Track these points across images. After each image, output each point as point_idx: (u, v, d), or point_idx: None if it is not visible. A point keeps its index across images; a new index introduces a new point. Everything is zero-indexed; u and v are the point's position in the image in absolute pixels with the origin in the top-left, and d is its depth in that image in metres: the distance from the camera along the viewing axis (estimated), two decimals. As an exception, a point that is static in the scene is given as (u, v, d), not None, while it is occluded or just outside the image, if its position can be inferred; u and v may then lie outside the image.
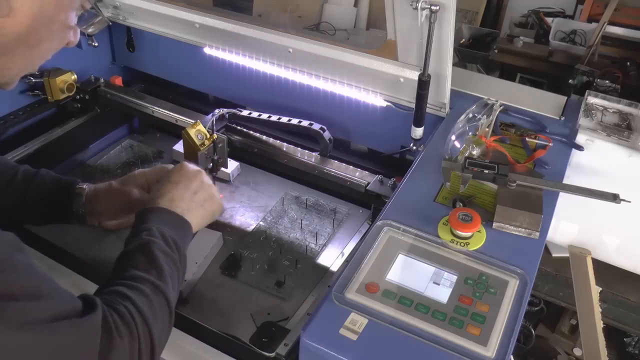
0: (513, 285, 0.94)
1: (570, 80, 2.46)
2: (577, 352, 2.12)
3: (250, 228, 1.42)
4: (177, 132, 1.53)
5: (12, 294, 0.67)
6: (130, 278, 0.86)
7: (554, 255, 1.62)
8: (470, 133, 1.20)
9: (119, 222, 1.17)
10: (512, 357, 0.86)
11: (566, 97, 1.42)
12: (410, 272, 0.96)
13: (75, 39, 0.86)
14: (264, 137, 1.53)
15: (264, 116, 1.48)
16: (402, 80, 1.34)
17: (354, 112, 1.48)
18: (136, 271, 0.87)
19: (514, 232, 1.04)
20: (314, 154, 1.46)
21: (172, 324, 0.89)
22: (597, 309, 1.52)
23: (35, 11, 0.75)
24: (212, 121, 1.36)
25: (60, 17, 0.80)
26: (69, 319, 0.72)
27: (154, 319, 0.83)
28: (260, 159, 1.53)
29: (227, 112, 1.49)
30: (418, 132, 1.33)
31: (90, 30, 1.59)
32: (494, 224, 1.04)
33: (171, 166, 1.19)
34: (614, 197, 1.04)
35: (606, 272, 1.47)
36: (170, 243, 0.93)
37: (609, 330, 1.60)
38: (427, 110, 1.32)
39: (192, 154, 1.29)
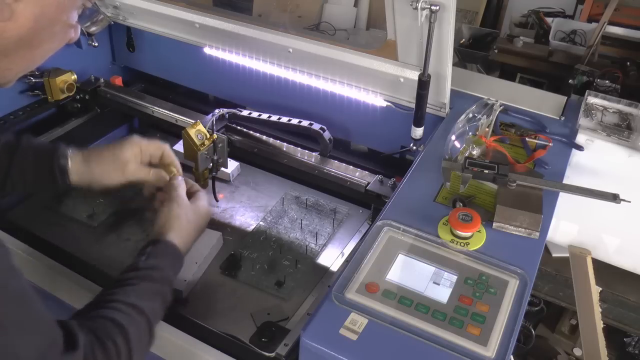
0: (513, 285, 0.94)
1: (570, 80, 2.47)
2: (577, 352, 2.12)
3: (250, 228, 1.42)
4: (177, 132, 1.53)
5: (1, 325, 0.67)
6: (129, 305, 0.88)
7: (554, 255, 1.62)
8: (470, 133, 1.20)
9: (108, 187, 1.17)
10: (512, 357, 0.86)
11: (566, 97, 1.42)
12: (410, 272, 0.96)
13: (76, 36, 0.86)
14: (264, 137, 1.53)
15: (264, 116, 1.48)
16: (402, 80, 1.34)
17: (354, 112, 1.48)
18: (137, 301, 0.89)
19: (514, 232, 1.04)
20: (314, 154, 1.46)
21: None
22: (597, 309, 1.52)
23: (37, 14, 0.76)
24: (212, 121, 1.36)
25: (61, 17, 0.81)
26: (49, 357, 0.72)
27: (138, 353, 0.86)
28: (260, 159, 1.53)
29: (227, 112, 1.49)
30: (418, 132, 1.33)
31: (92, 29, 1.59)
32: (494, 224, 1.04)
33: (168, 149, 1.19)
34: (614, 197, 1.04)
35: (606, 272, 1.47)
36: (171, 290, 0.98)
37: (609, 330, 1.60)
38: (427, 110, 1.32)
39: (192, 154, 1.29)
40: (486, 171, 1.08)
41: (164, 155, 1.18)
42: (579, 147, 1.26)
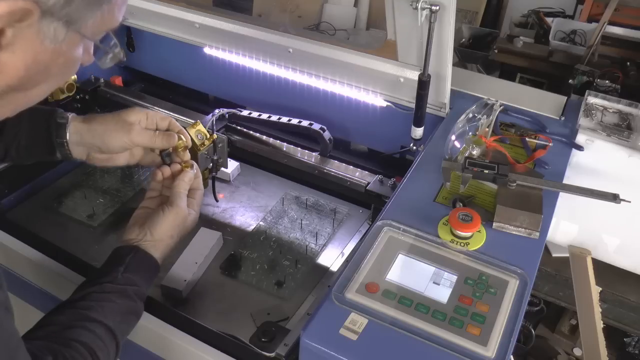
0: (513, 285, 0.94)
1: (570, 80, 2.47)
2: (577, 352, 2.12)
3: (250, 228, 1.42)
4: (177, 132, 1.53)
5: None
6: (103, 327, 0.88)
7: (554, 255, 1.62)
8: (470, 133, 1.20)
9: (109, 157, 1.12)
10: (512, 357, 0.86)
11: (566, 97, 1.42)
12: (410, 272, 0.96)
13: (88, 60, 0.78)
14: (264, 137, 1.53)
15: (264, 116, 1.48)
16: (402, 80, 1.34)
17: (354, 112, 1.48)
18: (111, 323, 0.89)
19: (514, 232, 1.04)
20: (314, 154, 1.46)
21: None
22: (597, 309, 1.52)
23: (29, 62, 0.65)
24: (212, 121, 1.36)
25: (58, 61, 0.70)
26: None
27: None
28: (260, 159, 1.53)
29: (227, 112, 1.49)
30: (418, 132, 1.33)
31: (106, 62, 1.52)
32: (494, 224, 1.04)
33: (174, 120, 1.14)
34: (614, 197, 1.04)
35: (606, 272, 1.47)
36: (143, 303, 0.98)
37: (609, 330, 1.60)
38: (427, 110, 1.32)
39: (192, 154, 1.29)
40: (486, 171, 1.08)
41: (171, 124, 1.14)
42: (579, 147, 1.26)
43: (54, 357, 0.80)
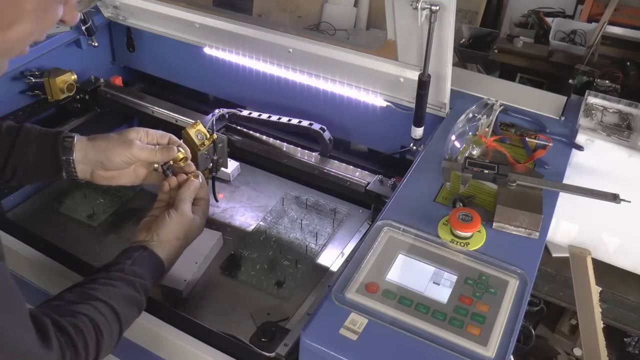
0: (513, 285, 0.94)
1: (570, 80, 2.47)
2: (577, 352, 2.12)
3: (250, 228, 1.42)
4: (177, 132, 1.52)
5: None
6: (109, 307, 0.90)
7: (554, 255, 1.62)
8: (470, 133, 1.20)
9: (112, 175, 1.13)
10: (512, 357, 0.86)
11: (566, 97, 1.42)
12: (410, 272, 0.96)
13: (71, 18, 0.75)
14: (264, 137, 1.53)
15: (264, 116, 1.48)
16: (402, 80, 1.34)
17: (354, 112, 1.48)
18: (117, 306, 0.91)
19: (514, 232, 1.04)
20: (314, 154, 1.46)
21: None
22: (597, 309, 1.52)
23: None
24: (212, 121, 1.36)
25: None
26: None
27: (102, 357, 0.89)
28: (260, 159, 1.52)
29: (227, 112, 1.49)
30: (418, 132, 1.33)
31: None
32: (494, 224, 1.04)
33: (173, 136, 1.17)
34: (614, 197, 1.04)
35: (606, 272, 1.47)
36: (146, 299, 0.99)
37: (609, 330, 1.60)
38: (427, 110, 1.32)
39: (192, 154, 1.29)
40: (486, 171, 1.08)
41: (171, 140, 1.17)
42: (579, 147, 1.26)
43: (53, 322, 0.80)
